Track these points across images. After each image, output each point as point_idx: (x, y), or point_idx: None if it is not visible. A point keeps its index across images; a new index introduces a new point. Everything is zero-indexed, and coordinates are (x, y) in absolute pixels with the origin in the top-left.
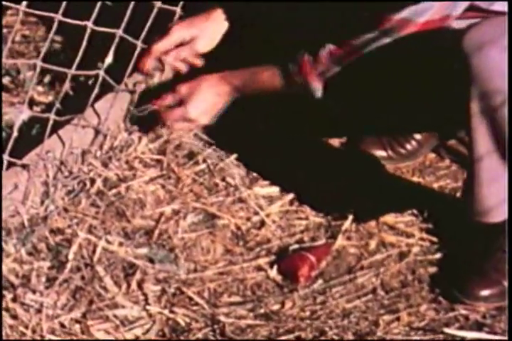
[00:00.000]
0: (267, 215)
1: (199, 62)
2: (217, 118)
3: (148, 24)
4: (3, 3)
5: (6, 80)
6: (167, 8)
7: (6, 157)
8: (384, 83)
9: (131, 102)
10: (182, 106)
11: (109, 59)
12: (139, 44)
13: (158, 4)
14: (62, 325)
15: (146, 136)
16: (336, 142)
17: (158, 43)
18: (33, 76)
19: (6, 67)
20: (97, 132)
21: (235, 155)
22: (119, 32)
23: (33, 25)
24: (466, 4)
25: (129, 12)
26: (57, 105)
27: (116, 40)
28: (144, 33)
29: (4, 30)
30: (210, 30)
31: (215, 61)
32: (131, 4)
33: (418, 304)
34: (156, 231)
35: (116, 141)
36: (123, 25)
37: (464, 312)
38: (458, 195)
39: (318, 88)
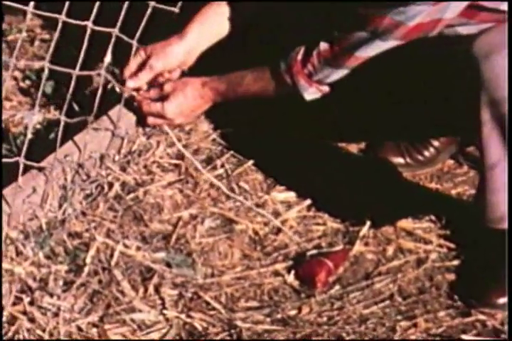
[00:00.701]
0: (285, 220)
1: (171, 76)
2: (236, 123)
3: (143, 24)
4: (10, 3)
5: (25, 84)
6: (165, 8)
7: (23, 160)
8: (397, 88)
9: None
10: (161, 103)
11: (107, 58)
12: (135, 43)
13: (152, 3)
14: (80, 329)
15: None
16: (354, 148)
17: (125, 71)
18: (45, 78)
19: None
20: (115, 136)
21: (252, 161)
22: (115, 31)
23: (53, 30)
24: (460, 7)
25: (123, 12)
26: (76, 108)
27: (113, 39)
28: (138, 33)
29: (24, 35)
30: (172, 49)
31: (219, 63)
32: (126, 4)
33: (435, 310)
34: (174, 236)
35: (135, 146)
36: (119, 24)
37: (481, 318)
38: None
39: (305, 88)
